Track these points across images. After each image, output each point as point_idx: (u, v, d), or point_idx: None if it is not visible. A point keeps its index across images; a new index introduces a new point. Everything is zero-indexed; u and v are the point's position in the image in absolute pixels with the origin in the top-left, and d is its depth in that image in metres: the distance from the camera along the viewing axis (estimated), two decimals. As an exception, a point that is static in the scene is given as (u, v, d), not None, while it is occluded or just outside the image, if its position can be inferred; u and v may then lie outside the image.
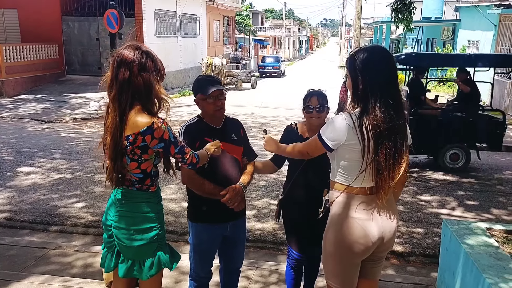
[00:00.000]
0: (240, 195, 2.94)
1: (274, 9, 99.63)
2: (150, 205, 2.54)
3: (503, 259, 3.06)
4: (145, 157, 2.45)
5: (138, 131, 2.37)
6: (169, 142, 2.44)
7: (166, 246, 2.66)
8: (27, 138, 10.40)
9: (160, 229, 2.58)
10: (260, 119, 14.44)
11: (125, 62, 2.40)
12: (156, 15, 20.49)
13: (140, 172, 2.49)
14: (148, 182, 2.53)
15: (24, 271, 4.13)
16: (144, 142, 2.39)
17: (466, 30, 21.81)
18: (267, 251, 4.96)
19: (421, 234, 5.36)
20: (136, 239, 2.50)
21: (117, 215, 2.52)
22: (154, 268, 2.56)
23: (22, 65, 17.54)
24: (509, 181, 7.64)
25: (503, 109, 15.03)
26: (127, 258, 2.56)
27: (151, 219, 2.53)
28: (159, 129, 2.39)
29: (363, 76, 2.31)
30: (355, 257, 2.43)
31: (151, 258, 2.55)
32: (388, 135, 2.29)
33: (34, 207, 5.93)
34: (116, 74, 2.41)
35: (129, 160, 2.45)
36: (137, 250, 2.52)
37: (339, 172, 2.42)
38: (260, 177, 7.29)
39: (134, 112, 2.39)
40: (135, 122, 2.38)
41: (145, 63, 2.42)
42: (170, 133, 2.45)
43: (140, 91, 2.40)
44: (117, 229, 2.53)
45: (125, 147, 2.41)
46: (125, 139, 2.39)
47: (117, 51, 2.48)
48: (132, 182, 2.51)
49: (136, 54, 2.41)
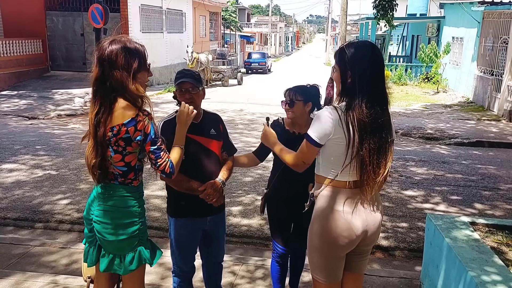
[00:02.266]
0: (219, 190, 2.95)
1: (261, 5, 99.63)
2: (132, 200, 2.53)
3: (485, 253, 3.10)
4: (129, 149, 2.44)
5: (122, 122, 2.37)
6: (147, 137, 2.42)
7: (147, 242, 2.66)
8: (10, 134, 10.27)
9: (141, 224, 2.57)
10: (247, 115, 14.44)
11: (99, 58, 2.42)
12: (142, 10, 20.35)
13: (123, 165, 2.47)
14: (131, 176, 2.51)
15: (8, 268, 4.09)
16: (128, 134, 2.39)
17: (450, 27, 22.01)
18: (253, 246, 4.97)
19: (405, 229, 5.42)
20: (117, 233, 2.49)
21: (99, 209, 2.51)
22: (134, 263, 2.56)
23: (5, 61, 17.30)
24: (492, 176, 7.75)
25: (487, 105, 15.28)
26: (108, 252, 2.56)
27: (132, 214, 2.53)
28: (142, 121, 2.39)
29: (352, 69, 2.33)
30: (339, 250, 2.45)
31: (131, 253, 2.55)
32: (372, 130, 2.31)
33: (18, 204, 5.87)
34: (95, 71, 2.43)
35: (113, 152, 2.44)
36: (118, 244, 2.52)
37: (324, 165, 2.44)
38: (246, 173, 7.30)
39: (119, 104, 2.39)
40: (119, 114, 2.38)
41: (115, 60, 2.39)
42: (152, 128, 2.43)
43: (116, 86, 2.40)
44: (99, 223, 2.52)
45: (109, 139, 2.40)
46: (109, 130, 2.39)
47: (97, 46, 2.47)
48: (115, 175, 2.50)
49: (107, 51, 2.40)
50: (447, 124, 12.92)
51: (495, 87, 15.07)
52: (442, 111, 15.39)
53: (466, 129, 12.31)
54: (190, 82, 2.89)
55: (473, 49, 17.87)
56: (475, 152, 9.84)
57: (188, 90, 2.89)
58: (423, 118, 14.10)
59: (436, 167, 8.28)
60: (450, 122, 13.34)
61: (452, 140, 11.00)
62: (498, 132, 12.01)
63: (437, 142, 10.98)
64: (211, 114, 3.15)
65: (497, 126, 12.87)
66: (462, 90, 18.76)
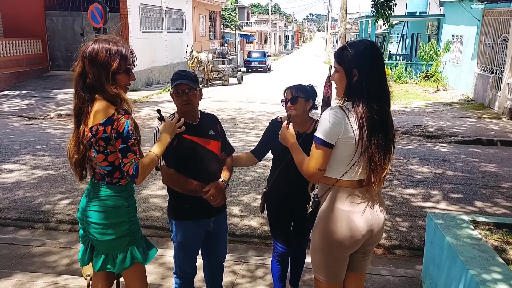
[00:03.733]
0: (223, 191, 2.95)
1: (260, 4, 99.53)
2: (120, 199, 2.53)
3: (486, 251, 3.10)
4: (110, 149, 2.43)
5: (99, 122, 2.38)
6: (119, 135, 2.37)
7: (141, 240, 2.66)
8: (10, 134, 10.27)
9: (132, 224, 2.57)
10: (247, 114, 14.43)
11: (82, 55, 2.46)
12: (141, 10, 20.32)
13: (108, 164, 2.47)
14: (117, 175, 2.50)
15: (9, 269, 4.09)
16: (105, 134, 2.38)
17: (450, 25, 21.98)
18: (254, 245, 4.97)
19: (406, 227, 5.41)
20: (106, 233, 2.50)
21: (89, 210, 2.52)
22: (127, 262, 2.56)
23: (5, 61, 17.29)
24: (492, 174, 7.75)
25: (487, 103, 15.27)
26: (100, 252, 2.57)
27: (121, 214, 2.52)
28: (118, 120, 2.38)
29: (358, 68, 2.32)
30: (344, 250, 2.45)
31: (123, 253, 2.55)
32: (380, 127, 2.32)
33: (18, 204, 5.87)
34: (77, 66, 2.47)
35: (95, 152, 2.45)
36: (108, 244, 2.52)
37: (330, 166, 2.41)
38: (246, 172, 7.30)
39: (98, 104, 2.40)
40: (96, 113, 2.39)
41: (94, 58, 2.41)
42: (126, 127, 2.38)
43: (94, 84, 2.41)
44: (88, 224, 2.53)
45: (89, 139, 2.41)
46: (89, 131, 2.40)
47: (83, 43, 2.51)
48: (101, 175, 2.50)
49: (88, 50, 2.43)
50: (447, 122, 12.90)
51: (495, 85, 15.05)
52: (442, 109, 15.37)
53: (467, 127, 12.30)
54: (187, 84, 2.87)
55: (473, 47, 17.84)
56: (475, 150, 9.83)
57: (185, 91, 2.87)
58: (424, 116, 14.08)
59: (437, 165, 8.27)
60: (450, 120, 13.33)
61: (453, 138, 10.99)
62: (498, 130, 11.99)
63: (438, 140, 10.97)
64: (208, 114, 3.15)
65: (498, 124, 12.85)
66: (462, 88, 18.74)
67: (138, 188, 6.45)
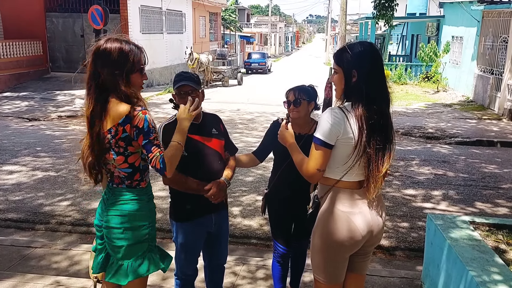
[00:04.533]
0: (224, 190, 2.97)
1: (260, 5, 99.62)
2: (141, 202, 2.49)
3: (486, 252, 3.11)
4: (130, 149, 2.40)
5: (117, 122, 2.34)
6: (140, 131, 2.34)
7: (155, 248, 2.62)
8: (11, 136, 10.28)
9: (151, 229, 2.53)
10: (246, 115, 14.44)
11: (94, 55, 2.39)
12: (141, 11, 20.35)
13: (128, 166, 2.43)
14: (137, 177, 2.47)
15: (10, 270, 4.09)
16: (125, 133, 2.35)
17: (450, 26, 22.00)
18: (254, 247, 4.97)
19: (406, 228, 5.42)
20: (126, 238, 2.45)
21: (107, 214, 2.47)
22: (143, 269, 2.51)
23: (5, 62, 17.32)
24: (492, 175, 7.75)
25: (487, 104, 15.28)
26: (117, 259, 2.51)
27: (141, 217, 2.48)
28: (136, 116, 2.34)
29: (357, 69, 2.33)
30: (344, 251, 2.45)
31: (140, 259, 2.50)
32: (379, 128, 2.33)
33: (19, 205, 5.87)
34: (89, 67, 2.41)
35: (115, 155, 2.40)
36: (127, 249, 2.47)
37: (329, 167, 2.42)
38: (246, 173, 7.30)
39: (113, 104, 2.36)
40: (113, 114, 2.35)
41: (107, 57, 2.36)
42: (146, 122, 2.35)
43: (108, 84, 2.36)
44: (107, 229, 2.48)
45: (108, 141, 2.37)
46: (107, 132, 2.36)
47: (95, 43, 2.44)
48: (121, 179, 2.46)
49: (103, 47, 2.37)
50: (447, 123, 12.92)
51: (495, 86, 15.07)
52: (442, 110, 15.38)
53: (467, 128, 12.31)
54: (190, 85, 2.88)
55: (473, 48, 17.86)
56: (475, 151, 9.84)
57: (188, 92, 2.88)
58: (424, 117, 14.10)
59: (437, 166, 8.28)
60: (450, 121, 13.34)
61: (453, 139, 11.01)
62: (498, 131, 12.00)
63: (438, 141, 10.98)
64: (210, 114, 3.17)
65: (498, 125, 12.86)
66: (462, 89, 18.75)
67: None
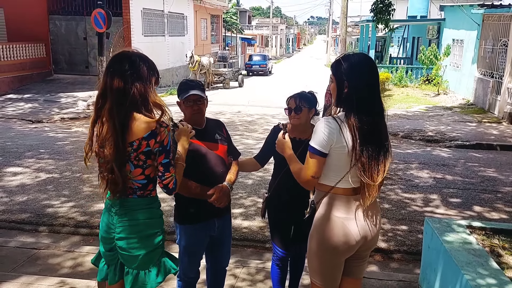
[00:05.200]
0: (227, 195, 3.02)
1: (261, 7, 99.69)
2: (153, 210, 2.51)
3: (481, 256, 3.17)
4: (149, 162, 2.41)
5: (141, 136, 2.33)
6: (163, 149, 2.39)
7: (165, 252, 2.65)
8: (14, 138, 10.36)
9: (163, 234, 2.57)
10: (246, 117, 14.50)
11: (118, 71, 2.35)
12: (144, 14, 20.45)
13: (144, 178, 2.44)
14: (150, 187, 2.49)
15: (14, 272, 4.15)
16: (148, 148, 2.36)
17: (450, 29, 22.05)
18: (254, 249, 5.03)
19: (404, 232, 5.47)
20: (142, 246, 2.46)
21: (121, 225, 2.46)
22: (160, 275, 2.53)
23: (8, 65, 17.41)
24: (491, 179, 7.80)
25: (487, 108, 15.32)
26: (133, 269, 2.50)
27: (154, 225, 2.51)
28: (162, 133, 2.36)
29: (348, 80, 2.40)
30: (338, 255, 2.52)
31: (155, 267, 2.52)
32: (371, 138, 2.39)
33: (22, 207, 5.94)
34: (110, 85, 2.35)
35: (133, 167, 2.40)
36: (143, 258, 2.47)
37: (324, 173, 2.50)
38: (247, 175, 7.36)
39: (136, 118, 2.34)
40: (138, 128, 2.33)
41: (138, 71, 2.37)
42: (170, 141, 2.40)
43: (136, 100, 2.34)
44: (121, 240, 2.46)
45: (128, 154, 2.36)
46: (129, 145, 2.35)
47: (110, 59, 2.42)
48: (133, 190, 2.45)
49: (129, 63, 2.36)
50: (447, 127, 12.95)
51: (495, 89, 15.11)
52: (442, 113, 15.42)
53: (467, 131, 12.35)
54: (199, 94, 2.94)
55: (473, 51, 17.90)
56: (475, 155, 9.89)
57: (197, 101, 2.95)
58: (424, 120, 14.14)
59: (436, 169, 8.33)
60: (450, 124, 13.38)
61: (453, 143, 11.04)
62: (498, 134, 12.04)
63: (438, 145, 11.03)
64: (214, 120, 3.23)
65: (498, 128, 12.90)
66: (462, 92, 18.79)
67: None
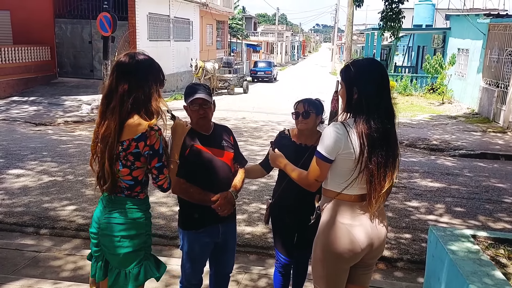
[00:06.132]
0: (231, 202, 2.98)
1: (267, 14, 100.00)
2: (139, 211, 2.54)
3: (486, 265, 3.12)
4: (137, 164, 2.45)
5: (132, 137, 2.39)
6: (155, 154, 2.44)
7: (151, 257, 2.67)
8: (18, 140, 10.37)
9: (147, 237, 2.59)
10: (251, 123, 14.50)
11: (125, 73, 2.41)
12: (149, 19, 20.53)
13: (131, 179, 2.49)
14: (137, 190, 2.53)
15: (14, 274, 4.14)
16: (137, 149, 2.40)
17: (456, 38, 22.06)
18: (257, 255, 5.00)
19: (408, 240, 5.43)
20: (123, 246, 2.49)
21: (105, 222, 2.51)
22: (141, 277, 2.56)
23: (13, 67, 17.49)
24: (496, 189, 7.75)
25: (492, 117, 15.27)
26: (114, 266, 2.56)
27: (138, 226, 2.53)
28: (152, 136, 2.40)
29: (358, 86, 2.38)
30: (343, 262, 2.48)
31: (137, 268, 2.55)
32: (380, 144, 2.36)
33: (24, 209, 5.93)
34: (116, 85, 2.41)
35: (121, 166, 2.45)
36: (124, 257, 2.51)
37: (331, 179, 2.47)
38: (251, 181, 7.33)
39: (132, 119, 2.40)
40: (131, 128, 2.39)
41: (144, 73, 2.43)
42: (161, 144, 2.45)
43: (139, 101, 2.41)
44: (104, 236, 2.52)
45: (118, 153, 2.42)
46: (120, 144, 2.41)
47: (116, 60, 2.47)
48: (121, 188, 2.51)
49: (136, 65, 2.42)
50: (452, 136, 12.92)
51: (500, 99, 15.07)
52: (447, 122, 15.39)
53: (471, 140, 12.30)
54: (204, 98, 2.92)
55: (479, 61, 17.88)
56: (479, 164, 9.84)
57: (202, 105, 2.93)
58: (428, 129, 14.11)
59: (440, 178, 8.29)
60: (455, 133, 13.34)
61: (457, 152, 11.00)
62: (503, 144, 11.99)
63: (442, 154, 10.99)
64: (221, 126, 3.20)
65: (503, 138, 12.85)
66: (467, 101, 18.76)
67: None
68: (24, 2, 19.17)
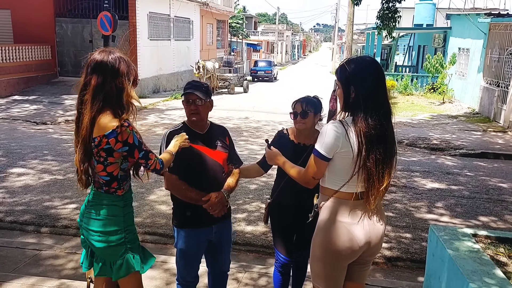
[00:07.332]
0: (222, 202, 2.98)
1: (268, 14, 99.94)
2: (116, 208, 2.59)
3: (487, 265, 3.13)
4: (110, 160, 2.50)
5: (103, 133, 2.43)
6: (133, 146, 2.48)
7: (138, 248, 2.70)
8: (19, 139, 10.38)
9: (127, 232, 2.62)
10: (252, 123, 14.50)
11: (98, 67, 2.47)
12: (150, 18, 20.52)
13: (106, 174, 2.54)
14: (114, 185, 2.57)
15: (15, 272, 4.14)
16: (108, 145, 2.44)
17: (456, 37, 22.04)
18: (257, 254, 5.01)
19: (409, 239, 5.43)
20: (102, 240, 2.55)
21: (86, 217, 2.60)
22: (123, 270, 2.61)
23: (14, 66, 17.49)
24: (496, 188, 7.75)
25: (492, 117, 15.27)
26: (99, 257, 2.64)
27: (116, 222, 2.58)
28: (123, 132, 2.44)
29: (355, 85, 2.38)
30: (341, 260, 2.49)
31: (119, 260, 2.60)
32: (378, 142, 2.36)
33: (25, 208, 5.94)
34: (89, 79, 2.48)
35: (96, 162, 2.52)
36: (104, 251, 2.58)
37: (329, 178, 2.48)
38: (250, 180, 7.33)
39: (103, 115, 2.45)
40: (101, 125, 2.44)
41: (118, 68, 2.48)
42: (135, 137, 2.48)
43: (111, 95, 2.46)
44: (86, 231, 2.60)
45: (91, 149, 2.48)
46: (92, 141, 2.46)
47: (91, 56, 2.55)
48: (100, 184, 2.58)
49: (109, 59, 2.48)
50: (452, 135, 12.91)
51: (501, 98, 15.07)
52: (447, 122, 15.38)
53: (472, 140, 12.30)
54: (196, 94, 2.95)
55: (479, 60, 17.88)
56: (480, 164, 9.84)
57: (194, 101, 2.95)
58: (429, 128, 14.10)
59: (441, 178, 8.29)
60: (455, 133, 13.33)
61: (457, 151, 11.00)
62: (504, 143, 11.99)
63: (442, 153, 10.99)
64: (218, 126, 3.21)
65: (503, 137, 12.85)
66: (468, 101, 18.75)
67: (143, 194, 6.52)
68: (24, 1, 19.17)
